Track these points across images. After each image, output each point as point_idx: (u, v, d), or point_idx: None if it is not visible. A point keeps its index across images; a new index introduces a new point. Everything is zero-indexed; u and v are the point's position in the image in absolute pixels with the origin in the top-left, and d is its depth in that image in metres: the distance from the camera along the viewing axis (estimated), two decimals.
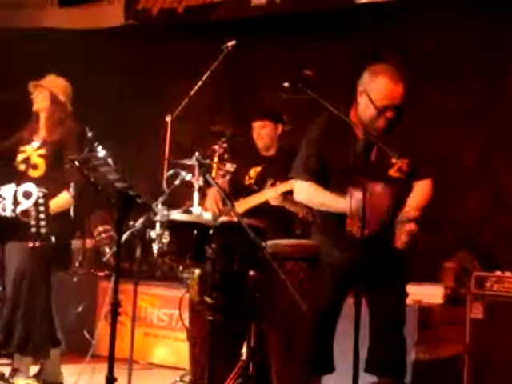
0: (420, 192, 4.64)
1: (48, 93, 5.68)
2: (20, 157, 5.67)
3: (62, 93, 5.72)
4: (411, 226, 4.45)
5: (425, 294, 5.89)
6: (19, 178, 5.53)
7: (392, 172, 4.56)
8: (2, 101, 5.46)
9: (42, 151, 5.64)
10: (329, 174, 4.62)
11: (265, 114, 6.11)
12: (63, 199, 5.47)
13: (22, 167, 5.64)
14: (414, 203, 4.55)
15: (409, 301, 4.89)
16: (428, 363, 5.60)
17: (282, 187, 5.59)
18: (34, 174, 5.59)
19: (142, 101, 7.86)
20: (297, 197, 4.80)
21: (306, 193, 4.69)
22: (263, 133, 6.04)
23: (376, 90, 4.46)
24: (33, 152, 5.66)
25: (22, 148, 5.71)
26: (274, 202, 5.68)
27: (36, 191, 4.58)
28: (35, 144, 5.69)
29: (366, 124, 4.51)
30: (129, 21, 7.91)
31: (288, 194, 5.48)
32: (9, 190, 4.57)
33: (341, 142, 4.55)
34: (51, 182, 5.39)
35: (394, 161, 4.50)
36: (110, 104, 7.99)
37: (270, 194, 5.70)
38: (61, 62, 5.94)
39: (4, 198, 4.54)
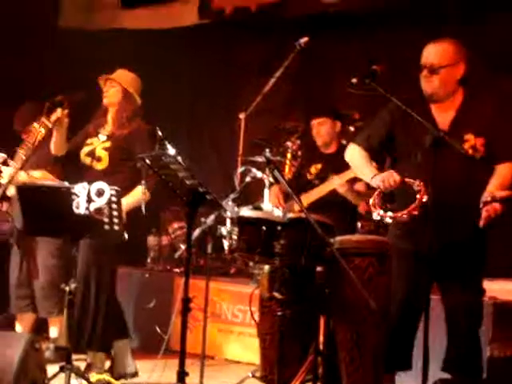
0: (501, 176, 4.53)
1: (120, 88, 5.69)
2: (85, 149, 5.68)
3: (133, 87, 5.73)
4: (495, 206, 4.38)
5: (500, 290, 5.80)
6: (84, 170, 5.63)
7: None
8: (77, 101, 5.50)
9: (107, 144, 5.64)
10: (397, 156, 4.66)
11: (323, 111, 6.11)
12: (136, 195, 5.50)
13: (87, 160, 5.65)
14: (493, 188, 4.45)
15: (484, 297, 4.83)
16: (503, 360, 5.51)
17: (348, 174, 5.62)
18: (98, 166, 5.61)
19: (216, 98, 7.92)
20: (345, 156, 4.86)
21: (352, 153, 4.78)
22: (322, 130, 6.05)
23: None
24: (98, 145, 5.66)
25: (88, 141, 5.71)
26: (340, 189, 5.70)
27: (109, 189, 4.65)
28: (102, 137, 5.69)
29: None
30: (203, 20, 7.97)
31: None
32: (82, 187, 4.64)
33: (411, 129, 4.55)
34: (114, 177, 5.43)
35: (466, 137, 4.47)
36: (183, 102, 8.06)
37: (337, 182, 5.72)
38: (135, 62, 5.98)
39: (78, 196, 4.61)
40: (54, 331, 6.17)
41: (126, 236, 4.86)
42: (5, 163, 5.65)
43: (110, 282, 5.53)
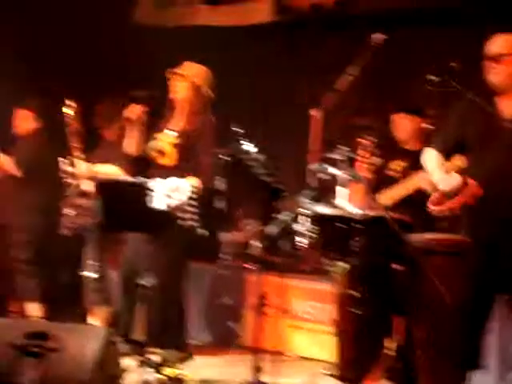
0: None
1: (189, 83, 5.60)
2: (153, 144, 5.63)
3: (203, 81, 5.64)
4: None
5: None
6: (150, 165, 5.60)
7: None
8: (154, 98, 5.53)
9: (174, 140, 5.57)
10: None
11: (404, 107, 6.06)
12: None
13: (154, 155, 5.61)
14: None
15: None
16: None
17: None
18: (164, 161, 5.55)
19: (290, 95, 7.90)
20: (421, 158, 4.90)
21: (427, 155, 4.82)
22: (402, 125, 5.99)
23: None
24: (166, 140, 5.60)
25: (156, 135, 5.66)
26: (427, 187, 5.65)
27: (186, 185, 4.68)
28: (169, 132, 5.62)
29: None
30: (277, 17, 7.96)
31: None
32: (159, 183, 4.68)
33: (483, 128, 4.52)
34: (179, 172, 5.37)
35: None
36: (257, 99, 8.06)
37: (424, 179, 5.67)
38: (208, 58, 5.98)
39: (154, 192, 4.65)
40: None
41: (203, 231, 4.90)
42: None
43: (183, 279, 5.56)
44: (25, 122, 7.05)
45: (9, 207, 7.01)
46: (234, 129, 4.48)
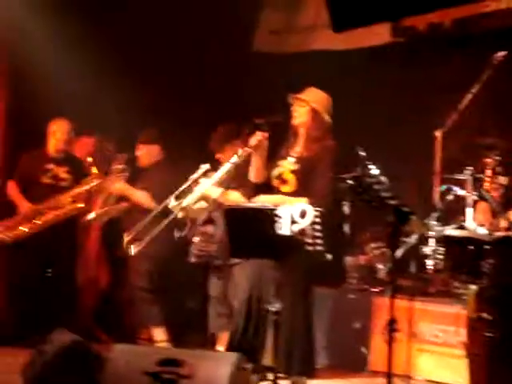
0: None
1: (309, 108, 5.63)
2: (275, 172, 5.66)
3: (323, 107, 5.66)
4: None
5: None
6: (272, 193, 5.62)
7: None
8: (275, 123, 5.56)
9: (294, 167, 5.59)
10: None
11: None
12: None
13: (276, 183, 5.64)
14: None
15: None
16: None
17: None
18: (284, 189, 5.58)
19: (410, 116, 7.83)
20: None
21: None
22: None
23: None
24: (286, 167, 5.63)
25: (279, 162, 5.69)
26: None
27: (312, 210, 4.69)
28: (290, 159, 5.65)
29: None
30: (396, 38, 7.93)
31: None
32: (285, 209, 4.71)
33: None
34: (299, 198, 5.38)
35: None
36: (377, 121, 8.02)
37: None
38: (327, 82, 5.98)
39: (281, 217, 4.68)
40: None
41: (329, 256, 4.90)
42: (206, 174, 5.80)
43: (310, 304, 5.54)
44: (150, 155, 7.19)
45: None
46: (358, 152, 4.46)
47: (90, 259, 8.06)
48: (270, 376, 5.10)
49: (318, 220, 4.74)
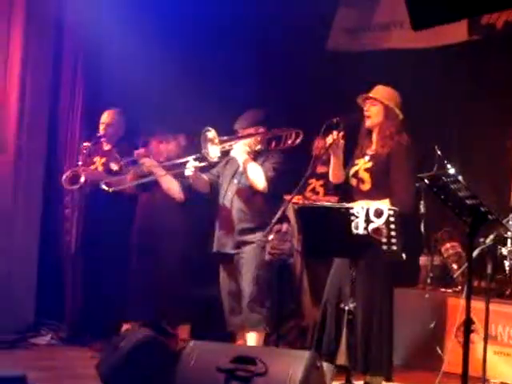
0: None
1: (381, 106, 5.60)
2: (352, 170, 5.67)
3: (393, 102, 5.62)
4: None
5: None
6: (352, 192, 5.63)
7: None
8: (352, 122, 5.54)
9: (369, 165, 5.58)
10: None
11: None
12: None
13: (353, 182, 5.64)
14: None
15: None
16: None
17: None
18: (363, 187, 5.56)
19: (488, 116, 7.71)
20: None
21: None
22: None
23: None
24: (362, 166, 5.62)
25: (355, 161, 5.70)
26: None
27: (387, 209, 4.66)
28: (366, 158, 5.64)
29: None
30: (473, 36, 7.82)
31: None
32: (361, 208, 4.69)
33: None
34: (377, 196, 5.41)
35: None
36: (453, 120, 7.95)
37: None
38: (401, 82, 5.93)
39: (357, 217, 4.66)
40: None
41: (404, 256, 4.86)
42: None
43: (388, 303, 5.51)
44: None
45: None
46: (435, 151, 4.43)
47: None
48: (346, 375, 5.09)
49: (393, 219, 4.70)
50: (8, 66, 7.48)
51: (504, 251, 4.97)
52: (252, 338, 5.98)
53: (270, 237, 5.33)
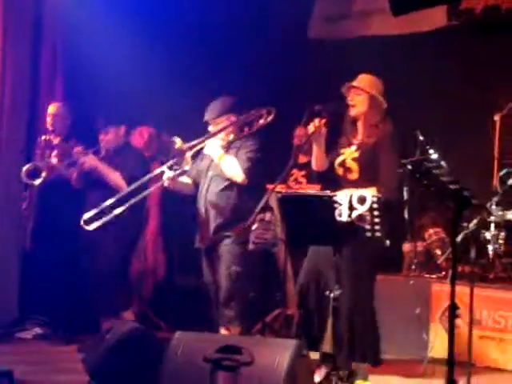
0: None
1: (366, 95, 5.60)
2: (338, 160, 5.67)
3: (378, 92, 5.62)
4: None
5: None
6: (338, 181, 5.62)
7: None
8: (333, 110, 5.53)
9: (356, 154, 5.59)
10: None
11: None
12: None
13: (340, 171, 5.64)
14: None
15: None
16: None
17: None
18: (349, 177, 5.57)
19: (467, 101, 7.74)
20: None
21: None
22: None
23: None
24: (348, 155, 5.63)
25: (341, 151, 5.69)
26: None
27: (370, 196, 4.67)
28: (353, 147, 5.65)
29: None
30: (452, 21, 7.84)
31: None
32: (344, 195, 4.70)
33: None
34: (364, 184, 5.40)
35: None
36: (434, 105, 7.95)
37: None
38: (383, 68, 5.93)
39: (340, 204, 4.67)
40: None
41: (388, 242, 4.87)
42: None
43: (371, 290, 5.52)
44: None
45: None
46: (417, 136, 4.43)
47: (148, 247, 8.13)
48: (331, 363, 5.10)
49: (376, 206, 4.71)
50: None
51: (487, 235, 4.98)
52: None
53: (254, 226, 5.32)
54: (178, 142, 5.73)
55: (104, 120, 6.97)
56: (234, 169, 5.87)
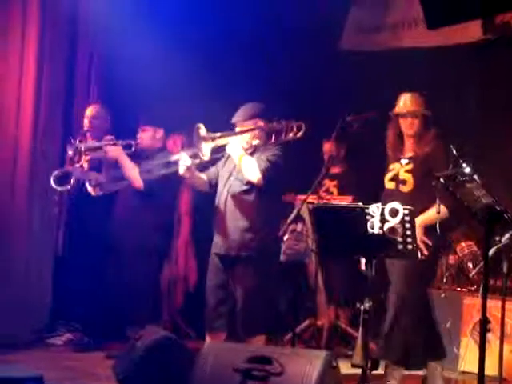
0: None
1: (420, 117, 5.76)
2: (389, 175, 5.82)
3: (426, 110, 5.78)
4: None
5: None
6: (390, 195, 5.68)
7: None
8: (367, 120, 5.54)
9: (409, 166, 5.73)
10: None
11: None
12: (430, 215, 5.51)
13: (392, 185, 5.78)
14: None
15: None
16: None
17: None
18: (403, 189, 5.70)
19: (504, 115, 7.69)
20: None
21: None
22: None
23: None
24: (401, 168, 5.77)
25: (390, 166, 5.85)
26: None
27: (402, 208, 4.66)
28: (403, 161, 5.79)
29: None
30: (487, 35, 7.81)
31: None
32: (376, 207, 4.69)
33: None
34: (420, 197, 5.53)
35: None
36: (469, 119, 7.92)
37: None
38: (417, 81, 5.95)
39: (372, 216, 4.67)
40: None
41: (420, 255, 4.86)
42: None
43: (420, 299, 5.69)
44: None
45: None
46: (452, 150, 4.42)
47: (180, 256, 8.16)
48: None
49: (408, 219, 4.70)
50: (24, 67, 7.48)
51: None
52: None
53: (286, 237, 5.33)
54: (202, 128, 5.74)
55: (142, 121, 7.06)
56: (252, 168, 5.81)
